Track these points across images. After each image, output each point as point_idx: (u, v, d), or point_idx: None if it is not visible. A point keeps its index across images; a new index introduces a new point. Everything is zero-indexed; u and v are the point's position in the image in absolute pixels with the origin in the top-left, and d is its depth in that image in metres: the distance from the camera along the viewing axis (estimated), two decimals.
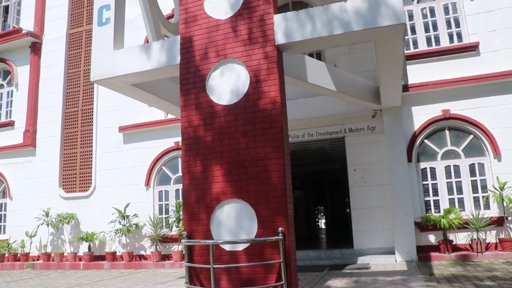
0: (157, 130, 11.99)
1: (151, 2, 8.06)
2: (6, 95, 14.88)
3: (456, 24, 10.09)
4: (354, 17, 5.61)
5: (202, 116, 6.03)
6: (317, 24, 5.76)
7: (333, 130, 10.17)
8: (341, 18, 5.66)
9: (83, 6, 14.35)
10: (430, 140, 9.87)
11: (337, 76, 8.06)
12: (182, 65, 6.28)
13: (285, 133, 5.77)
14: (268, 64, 5.77)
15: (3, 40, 14.56)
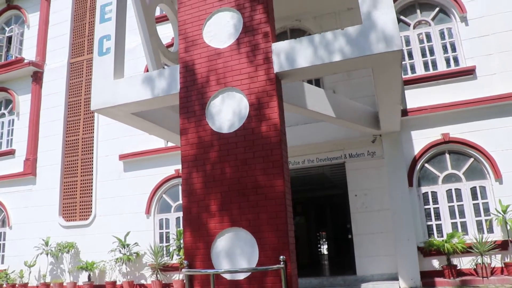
0: (157, 158, 11.99)
1: (151, 31, 8.18)
2: (8, 124, 14.95)
3: (452, 48, 10.20)
4: (351, 44, 5.69)
5: (202, 144, 6.05)
6: (314, 51, 5.84)
7: (333, 156, 10.17)
8: (338, 45, 5.73)
9: (84, 36, 14.55)
10: (431, 164, 9.85)
11: (336, 102, 8.11)
12: (181, 94, 6.33)
13: (285, 160, 5.78)
14: (267, 92, 5.82)
15: (5, 70, 14.71)
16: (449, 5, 10.34)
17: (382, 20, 5.61)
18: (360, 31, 5.69)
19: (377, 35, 5.57)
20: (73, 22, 14.93)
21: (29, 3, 15.71)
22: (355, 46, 5.66)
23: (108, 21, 7.37)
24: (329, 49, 5.77)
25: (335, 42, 5.77)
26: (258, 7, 6.18)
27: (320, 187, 15.45)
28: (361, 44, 5.62)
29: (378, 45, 5.54)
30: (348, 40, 5.71)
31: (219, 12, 6.44)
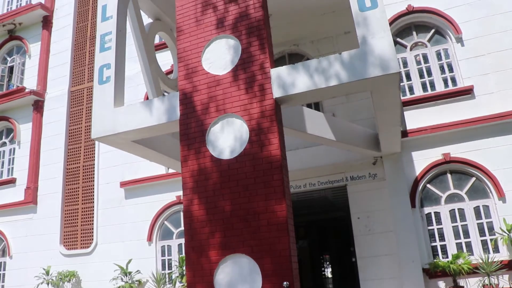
0: (158, 185, 11.96)
1: (151, 59, 8.26)
2: (8, 152, 14.99)
3: (449, 69, 10.28)
4: (349, 68, 5.74)
5: (203, 170, 6.05)
6: (313, 76, 5.88)
7: (335, 179, 10.15)
8: (336, 69, 5.78)
9: (84, 64, 14.71)
10: (433, 184, 9.82)
11: (336, 125, 8.14)
12: (181, 121, 6.36)
13: (286, 185, 5.77)
14: (267, 118, 5.84)
15: (7, 99, 14.84)
16: (444, 26, 10.47)
17: (379, 43, 5.68)
18: (358, 55, 5.75)
19: (375, 59, 5.62)
20: (74, 51, 15.12)
21: (30, 33, 15.96)
22: (353, 69, 5.71)
23: (108, 50, 7.45)
24: (327, 73, 5.82)
25: (333, 67, 5.82)
26: (256, 33, 6.26)
27: (322, 211, 15.37)
28: (359, 68, 5.67)
29: (376, 68, 5.58)
30: (346, 64, 5.76)
31: (217, 39, 6.52)
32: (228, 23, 6.49)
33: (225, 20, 6.53)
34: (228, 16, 6.53)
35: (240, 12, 6.47)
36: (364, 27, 5.83)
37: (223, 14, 6.58)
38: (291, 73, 5.98)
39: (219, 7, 6.65)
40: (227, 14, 6.55)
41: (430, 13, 10.58)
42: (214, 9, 6.67)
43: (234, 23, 6.45)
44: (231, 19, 6.49)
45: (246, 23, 6.36)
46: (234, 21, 6.45)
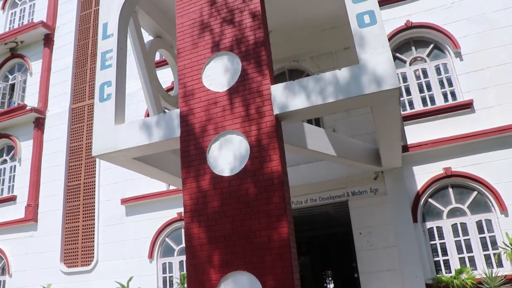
0: (159, 202, 11.92)
1: (151, 76, 8.32)
2: (9, 170, 14.98)
3: (449, 83, 10.32)
4: (349, 84, 5.76)
5: (204, 187, 6.04)
6: (313, 92, 5.91)
7: (336, 194, 10.11)
8: (337, 85, 5.81)
9: (85, 82, 14.79)
10: (434, 199, 9.78)
11: (337, 141, 8.14)
12: (182, 138, 6.37)
13: (287, 201, 5.75)
14: (267, 134, 5.85)
15: (8, 117, 14.88)
16: (443, 41, 10.54)
17: (379, 59, 5.71)
18: (357, 71, 5.77)
19: (374, 74, 5.65)
20: (75, 68, 15.22)
21: (32, 51, 16.08)
22: (353, 85, 5.73)
23: (109, 68, 7.49)
24: (328, 89, 5.85)
25: (333, 82, 5.85)
26: (256, 50, 6.30)
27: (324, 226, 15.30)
28: (359, 84, 5.70)
29: (376, 84, 5.61)
30: (346, 80, 5.79)
31: (217, 56, 6.57)
32: (228, 40, 6.54)
33: (225, 37, 6.58)
34: (228, 33, 6.58)
35: (240, 29, 6.52)
36: (364, 43, 5.87)
37: (223, 31, 6.63)
38: (291, 89, 6.00)
39: (219, 25, 6.70)
40: (227, 31, 6.60)
41: (429, 28, 10.66)
42: (214, 26, 6.73)
43: (234, 40, 6.50)
44: (231, 36, 6.54)
45: (246, 40, 6.41)
46: (235, 38, 6.51)
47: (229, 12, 6.67)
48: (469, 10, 10.47)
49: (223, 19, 6.69)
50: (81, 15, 16.07)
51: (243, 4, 6.61)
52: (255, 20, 6.45)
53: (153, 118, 6.86)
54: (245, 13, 6.55)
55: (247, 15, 6.52)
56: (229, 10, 6.68)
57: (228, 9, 6.70)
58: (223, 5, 6.77)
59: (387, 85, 5.57)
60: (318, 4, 9.40)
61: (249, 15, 6.51)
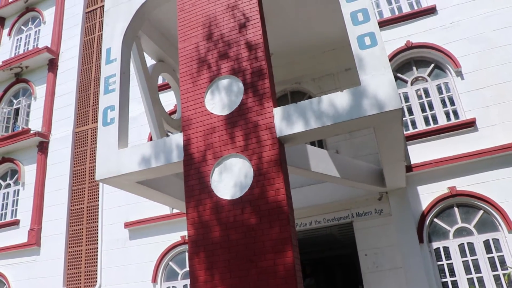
0: (163, 225, 11.84)
1: (154, 100, 8.38)
2: (13, 194, 14.97)
3: (450, 102, 10.34)
4: (351, 105, 5.77)
5: (208, 211, 6.01)
6: (315, 114, 5.92)
7: (341, 216, 10.04)
8: (339, 107, 5.82)
9: (89, 106, 14.89)
10: (440, 218, 9.69)
11: (340, 162, 8.12)
12: (185, 162, 6.36)
13: (292, 224, 5.71)
14: (270, 157, 5.85)
15: (12, 141, 14.93)
16: (443, 61, 10.61)
17: (380, 80, 5.73)
18: (359, 92, 5.79)
19: (376, 95, 5.67)
20: (78, 92, 15.35)
21: (36, 76, 16.25)
22: (356, 107, 5.74)
23: (112, 92, 7.54)
24: (330, 111, 5.86)
25: (336, 104, 5.87)
26: (258, 73, 6.35)
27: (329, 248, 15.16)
28: (361, 105, 5.71)
29: (378, 105, 5.62)
30: (348, 102, 5.80)
31: (220, 80, 6.61)
32: (230, 64, 6.59)
33: (228, 61, 6.64)
34: (230, 57, 6.64)
35: (242, 53, 6.58)
36: (365, 65, 5.90)
37: (225, 55, 6.70)
38: (294, 112, 6.02)
39: (221, 49, 6.77)
40: (230, 55, 6.66)
41: (429, 48, 10.73)
42: (216, 50, 6.80)
43: (236, 64, 6.55)
44: (234, 60, 6.60)
45: (248, 63, 6.46)
46: (237, 62, 6.56)
47: (231, 36, 6.74)
48: (468, 29, 10.56)
49: (225, 43, 6.76)
50: (84, 40, 16.29)
51: (244, 28, 6.69)
52: (257, 44, 6.52)
53: (156, 142, 6.88)
54: (247, 37, 6.62)
55: (249, 38, 6.59)
56: (231, 34, 6.76)
57: (230, 33, 6.77)
58: (225, 29, 6.85)
59: (389, 106, 5.58)
60: (319, 27, 9.52)
61: (251, 39, 6.58)
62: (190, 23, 7.21)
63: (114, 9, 8.19)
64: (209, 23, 7.02)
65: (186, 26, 7.22)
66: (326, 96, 5.99)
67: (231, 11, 6.90)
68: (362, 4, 6.31)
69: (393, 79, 5.74)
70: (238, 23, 6.77)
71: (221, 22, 6.93)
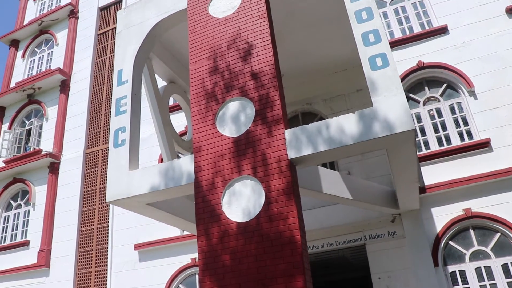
0: (173, 247, 11.73)
1: (165, 121, 8.38)
2: (23, 214, 15.01)
3: (464, 122, 10.21)
4: (363, 126, 5.70)
5: (219, 234, 5.91)
6: (327, 136, 5.85)
7: (353, 238, 9.86)
8: (351, 129, 5.75)
9: (99, 127, 14.98)
10: (455, 241, 9.47)
11: (352, 183, 8.02)
12: (196, 184, 6.30)
13: (304, 247, 5.59)
14: (282, 179, 5.76)
15: (24, 162, 15.05)
16: (456, 80, 10.52)
17: (392, 101, 5.66)
18: (371, 113, 5.72)
19: (389, 116, 5.59)
20: (89, 113, 15.48)
21: (48, 97, 16.45)
22: (368, 128, 5.66)
23: (123, 114, 7.55)
24: (342, 132, 5.79)
25: (348, 126, 5.80)
26: (269, 94, 6.31)
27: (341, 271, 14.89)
28: (373, 126, 5.63)
29: (390, 126, 5.54)
30: (360, 123, 5.73)
31: (231, 101, 6.59)
32: (241, 86, 6.58)
33: (239, 82, 6.62)
34: (241, 79, 6.62)
35: (253, 74, 6.56)
36: (377, 86, 5.84)
37: (236, 76, 6.68)
38: (305, 133, 5.96)
39: (232, 70, 6.77)
40: (240, 77, 6.65)
41: (441, 68, 10.67)
42: (227, 72, 6.80)
43: (247, 85, 6.53)
44: (244, 81, 6.58)
45: (259, 84, 6.44)
46: (247, 83, 6.54)
47: (242, 57, 6.75)
48: (481, 49, 10.49)
49: (236, 65, 6.76)
50: (96, 62, 16.49)
51: (255, 50, 6.69)
52: (268, 66, 6.50)
53: (167, 163, 6.84)
54: (258, 58, 6.61)
55: (260, 60, 6.58)
56: (242, 56, 6.76)
57: (241, 55, 6.78)
58: (236, 51, 6.86)
59: (402, 127, 5.50)
60: (330, 47, 9.52)
61: (262, 61, 6.57)
62: (201, 45, 7.24)
63: (126, 31, 8.27)
64: (220, 45, 7.04)
65: (197, 48, 7.25)
66: (338, 117, 5.93)
67: (242, 33, 6.91)
68: (373, 25, 6.28)
69: (405, 100, 5.66)
70: (249, 45, 6.78)
71: (232, 44, 6.94)
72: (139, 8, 8.32)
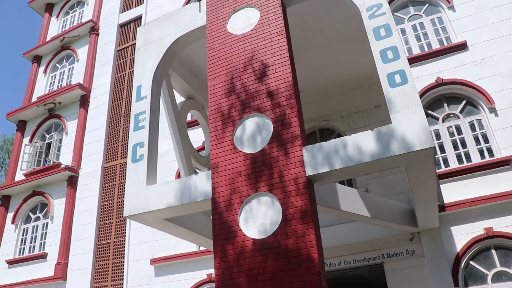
0: (189, 262, 11.69)
1: (183, 137, 8.42)
2: (42, 227, 15.17)
3: (484, 139, 10.05)
4: (382, 144, 5.64)
5: (235, 251, 5.87)
6: (345, 153, 5.80)
7: (371, 256, 9.71)
8: (369, 146, 5.69)
9: (118, 141, 15.15)
10: (476, 261, 9.25)
11: (370, 201, 7.92)
12: (213, 200, 6.29)
13: (321, 266, 5.52)
14: (300, 196, 5.72)
15: (43, 175, 15.29)
16: (475, 97, 10.39)
17: (411, 118, 5.60)
18: (390, 131, 5.66)
19: (408, 134, 5.53)
20: (108, 128, 15.68)
21: (68, 111, 16.75)
22: (386, 146, 5.60)
23: (142, 129, 7.61)
24: (360, 150, 5.73)
25: (366, 143, 5.74)
26: (287, 111, 6.31)
27: None
28: (392, 144, 5.57)
29: (409, 144, 5.47)
30: (378, 140, 5.67)
31: (249, 118, 6.59)
32: (259, 102, 6.59)
33: (256, 99, 6.63)
34: (259, 95, 6.63)
35: (271, 90, 6.57)
36: (395, 103, 5.79)
37: (255, 93, 6.70)
38: (323, 150, 5.92)
39: (251, 86, 6.79)
40: (259, 93, 6.66)
41: (460, 84, 10.56)
42: (245, 88, 6.82)
43: (265, 102, 6.54)
44: (263, 98, 6.59)
45: (277, 101, 6.44)
46: (266, 99, 6.55)
47: (260, 74, 6.77)
48: (501, 65, 10.36)
49: (254, 81, 6.78)
50: (115, 77, 16.75)
51: (274, 67, 6.71)
52: (286, 82, 6.51)
53: (185, 179, 6.85)
54: (276, 75, 6.63)
55: (278, 77, 6.59)
56: (260, 72, 6.78)
57: (259, 72, 6.80)
58: (254, 67, 6.89)
59: (421, 145, 5.42)
60: (348, 64, 9.51)
61: (280, 77, 6.58)
62: (219, 62, 7.29)
63: (145, 47, 8.38)
64: (239, 61, 7.08)
65: (216, 64, 7.30)
66: (356, 135, 5.88)
67: (260, 50, 6.95)
68: (391, 42, 6.26)
69: (424, 118, 5.59)
70: (267, 62, 6.80)
71: (250, 61, 6.97)
72: (159, 24, 8.44)
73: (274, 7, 7.21)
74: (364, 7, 6.62)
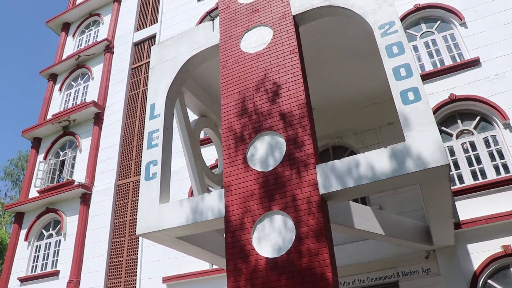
0: (202, 281, 11.61)
1: (196, 155, 8.45)
2: (54, 244, 15.22)
3: (499, 155, 9.93)
4: (396, 161, 5.60)
5: (249, 270, 5.84)
6: (358, 171, 5.77)
7: (385, 275, 9.56)
8: (383, 164, 5.66)
9: (131, 159, 15.25)
10: (494, 280, 9.06)
11: (384, 219, 7.84)
12: (227, 218, 6.28)
13: (335, 285, 5.45)
14: (314, 215, 5.69)
15: (57, 192, 15.39)
16: (489, 113, 10.31)
17: (425, 135, 5.57)
18: (404, 148, 5.63)
19: (422, 151, 5.49)
20: (122, 146, 15.80)
21: (82, 129, 16.93)
22: (400, 163, 5.56)
23: (155, 147, 7.65)
24: (374, 167, 5.70)
25: (379, 161, 5.71)
26: (300, 129, 6.31)
27: None
28: (406, 161, 5.53)
29: (424, 161, 5.42)
30: (392, 158, 5.64)
31: (262, 136, 6.60)
32: (272, 120, 6.60)
33: (269, 117, 6.65)
34: (272, 113, 6.65)
35: (284, 108, 6.59)
36: (409, 121, 5.77)
37: (268, 111, 6.72)
38: (336, 168, 5.89)
39: (263, 105, 6.81)
40: (271, 111, 6.68)
41: (474, 100, 10.50)
42: (258, 107, 6.84)
43: (278, 120, 6.56)
44: (275, 116, 6.61)
45: (290, 120, 6.45)
46: (279, 117, 6.57)
47: (273, 93, 6.80)
48: None
49: (268, 100, 6.80)
50: (129, 95, 16.94)
51: (287, 85, 6.74)
52: (299, 100, 6.52)
53: (197, 197, 6.85)
54: (289, 94, 6.65)
55: (291, 95, 6.62)
56: (273, 91, 6.82)
57: (272, 90, 6.83)
58: (267, 86, 6.92)
59: (436, 162, 5.38)
60: (361, 81, 9.51)
61: (293, 95, 6.60)
62: (232, 80, 7.34)
63: (159, 66, 8.48)
64: (252, 80, 7.13)
65: (229, 83, 7.35)
66: (370, 152, 5.85)
67: (273, 68, 6.99)
68: (404, 59, 6.26)
69: (438, 135, 5.55)
70: (280, 80, 6.84)
71: (263, 80, 7.01)
72: (173, 43, 8.55)
73: (287, 25, 7.28)
74: (377, 25, 6.65)
